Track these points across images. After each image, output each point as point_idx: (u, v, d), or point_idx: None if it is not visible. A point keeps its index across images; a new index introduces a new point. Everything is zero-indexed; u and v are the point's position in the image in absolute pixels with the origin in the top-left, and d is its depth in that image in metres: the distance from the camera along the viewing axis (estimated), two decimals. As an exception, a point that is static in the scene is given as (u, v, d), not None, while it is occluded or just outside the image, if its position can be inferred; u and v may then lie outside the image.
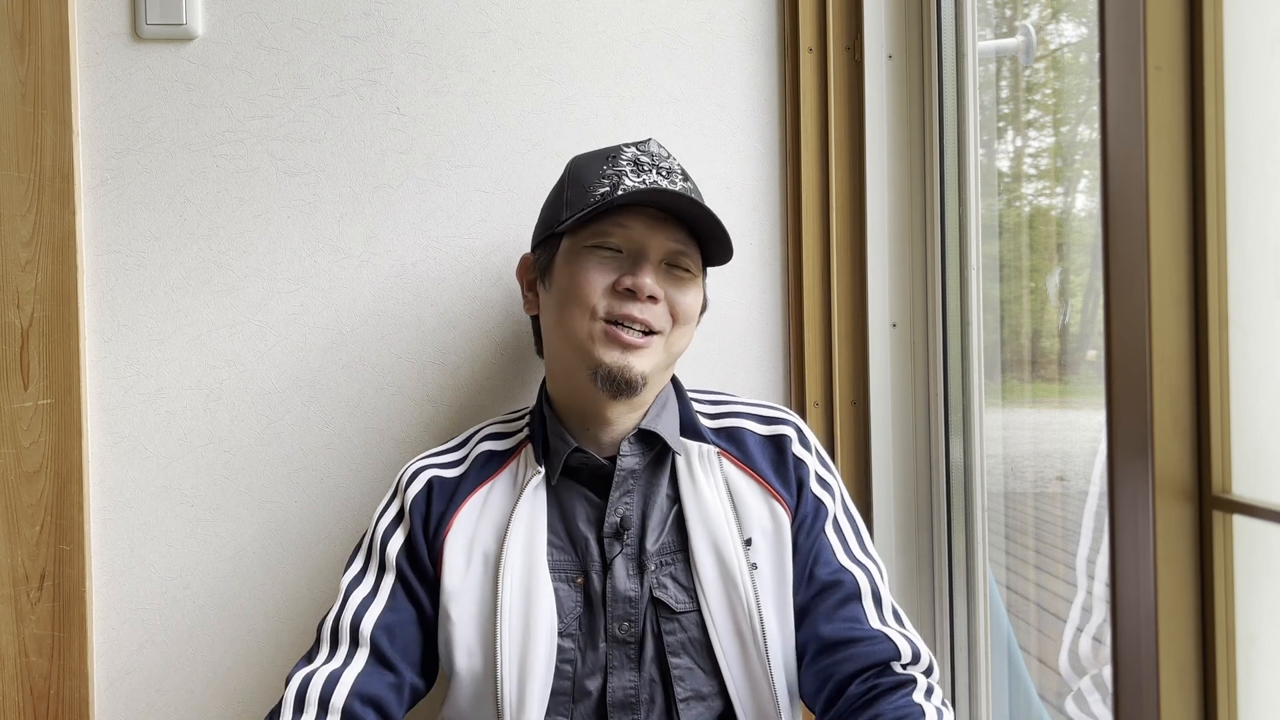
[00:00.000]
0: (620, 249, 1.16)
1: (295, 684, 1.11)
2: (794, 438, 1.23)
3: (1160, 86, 0.79)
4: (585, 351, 1.14)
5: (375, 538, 1.20)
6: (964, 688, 1.39)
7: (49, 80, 1.38)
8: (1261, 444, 0.80)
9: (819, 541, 1.18)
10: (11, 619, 1.38)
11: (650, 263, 1.15)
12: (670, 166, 1.19)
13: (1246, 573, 0.80)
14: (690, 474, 1.18)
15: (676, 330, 1.17)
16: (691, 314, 1.18)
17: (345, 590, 1.18)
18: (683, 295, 1.17)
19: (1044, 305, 1.55)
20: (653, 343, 1.15)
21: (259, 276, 1.42)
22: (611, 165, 1.18)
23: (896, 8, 1.42)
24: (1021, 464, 1.59)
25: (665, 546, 1.16)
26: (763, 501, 1.18)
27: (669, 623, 1.14)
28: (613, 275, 1.14)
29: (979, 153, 1.38)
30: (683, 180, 1.19)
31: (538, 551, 1.14)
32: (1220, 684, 0.79)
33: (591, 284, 1.14)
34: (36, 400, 1.38)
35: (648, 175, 1.16)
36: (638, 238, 1.15)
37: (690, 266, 1.18)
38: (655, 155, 1.19)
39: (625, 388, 1.13)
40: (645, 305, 1.14)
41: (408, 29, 1.43)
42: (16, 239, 1.38)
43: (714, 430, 1.23)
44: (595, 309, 1.14)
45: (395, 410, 1.43)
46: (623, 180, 1.15)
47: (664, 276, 1.16)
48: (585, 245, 1.16)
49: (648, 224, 1.16)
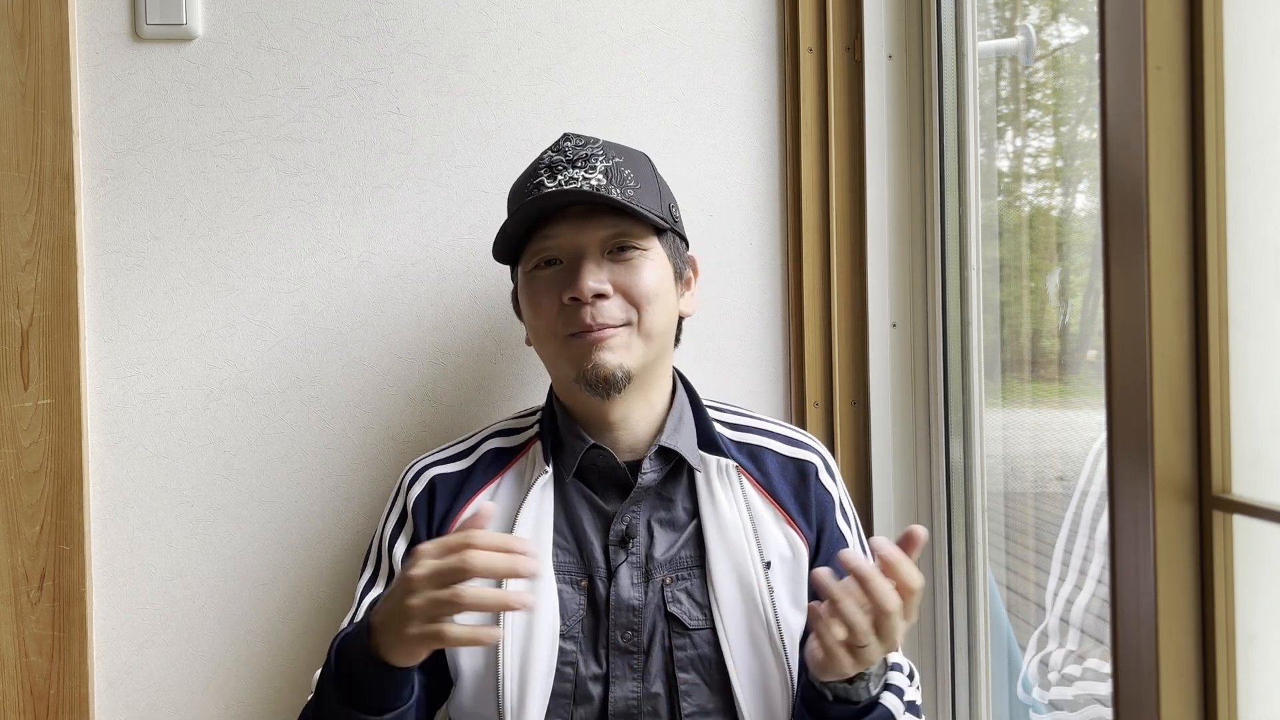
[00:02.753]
0: (560, 259, 1.15)
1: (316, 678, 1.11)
2: (820, 466, 1.21)
3: (1160, 86, 0.79)
4: (565, 368, 1.15)
5: (382, 542, 1.20)
6: (964, 688, 1.39)
7: (49, 80, 1.38)
8: (1261, 444, 0.80)
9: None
10: (11, 619, 1.38)
11: (590, 261, 1.13)
12: (588, 153, 1.15)
13: (1246, 572, 0.80)
14: (710, 490, 1.17)
15: (644, 313, 1.13)
16: (653, 291, 1.14)
17: (359, 597, 1.18)
18: (635, 275, 1.13)
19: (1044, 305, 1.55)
20: (619, 333, 1.12)
21: (259, 276, 1.42)
22: (531, 178, 1.16)
23: (896, 8, 1.42)
24: (1021, 464, 1.59)
25: (681, 561, 1.15)
26: (779, 529, 1.17)
27: (680, 638, 1.13)
28: (558, 290, 1.13)
29: (979, 153, 1.38)
30: (605, 160, 1.15)
31: (543, 552, 1.14)
32: (1220, 684, 0.79)
33: (543, 309, 1.14)
34: (36, 400, 1.38)
35: (563, 174, 1.13)
36: (569, 241, 1.14)
37: (634, 244, 1.14)
38: (568, 150, 1.16)
39: (607, 384, 1.12)
40: (595, 307, 1.11)
41: (408, 29, 1.43)
42: (16, 239, 1.38)
43: (735, 444, 1.21)
44: (555, 329, 1.14)
45: (395, 410, 1.43)
46: (540, 190, 1.13)
47: (611, 265, 1.14)
48: (529, 270, 1.16)
49: (574, 223, 1.14)
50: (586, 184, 1.12)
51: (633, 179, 1.16)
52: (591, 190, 1.11)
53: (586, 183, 1.12)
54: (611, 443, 1.17)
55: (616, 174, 1.14)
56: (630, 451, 1.18)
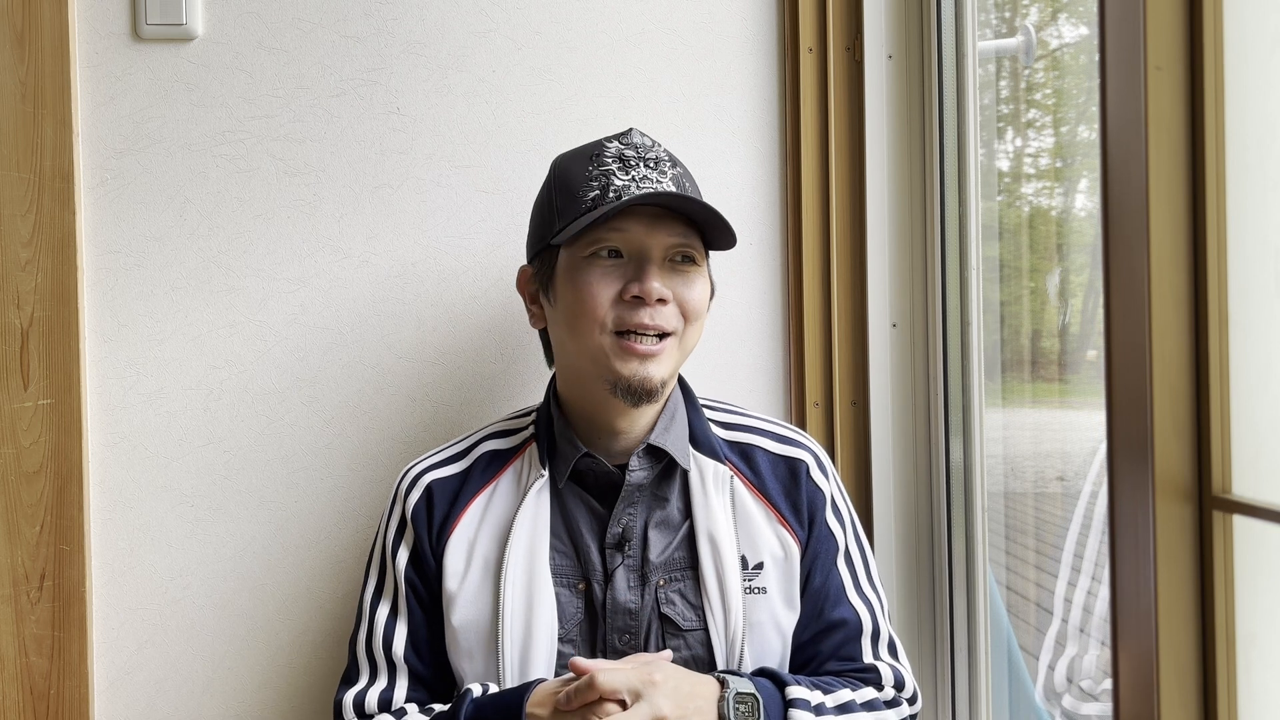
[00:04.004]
0: (620, 252, 1.13)
1: (349, 703, 1.15)
2: (811, 463, 1.21)
3: (1160, 86, 0.79)
4: (602, 365, 1.12)
5: (385, 551, 1.20)
6: (964, 688, 1.39)
7: (49, 80, 1.38)
8: (1261, 444, 0.80)
9: (831, 578, 1.19)
10: (11, 619, 1.38)
11: (654, 263, 1.12)
12: (657, 156, 1.15)
13: (1246, 573, 0.80)
14: (704, 491, 1.16)
15: (689, 328, 1.14)
16: (702, 308, 1.15)
17: (369, 610, 1.18)
18: (690, 290, 1.13)
19: (1044, 305, 1.55)
20: (666, 346, 1.12)
21: (259, 276, 1.42)
22: (596, 164, 1.14)
23: (896, 8, 1.42)
24: (1021, 464, 1.59)
25: (674, 562, 1.15)
26: (771, 528, 1.17)
27: (674, 639, 1.13)
28: (617, 283, 1.11)
29: (979, 153, 1.38)
30: (671, 167, 1.15)
31: (540, 555, 1.13)
32: (1220, 684, 0.79)
33: (597, 297, 1.11)
34: (36, 400, 1.38)
35: (635, 170, 1.13)
36: (637, 239, 1.12)
37: (694, 257, 1.14)
38: (639, 146, 1.15)
39: (645, 396, 1.11)
40: (655, 309, 1.11)
41: (408, 29, 1.43)
42: (16, 239, 1.38)
43: (727, 443, 1.21)
44: (605, 322, 1.11)
45: (395, 410, 1.43)
46: (610, 180, 1.12)
47: (669, 273, 1.13)
48: (584, 255, 1.13)
49: (645, 223, 1.12)
50: (660, 187, 1.12)
51: (693, 192, 1.16)
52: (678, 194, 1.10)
53: (659, 185, 1.12)
54: (608, 446, 1.17)
55: (680, 185, 1.15)
56: (623, 454, 1.17)
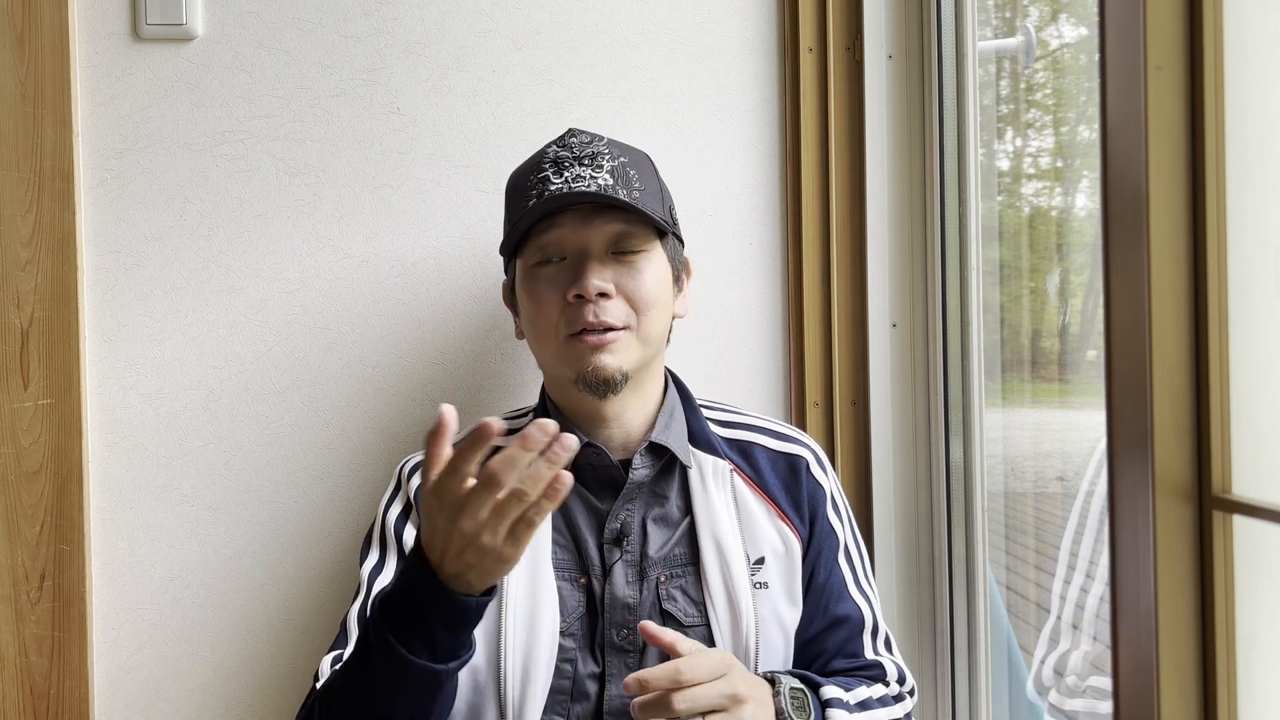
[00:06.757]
0: (563, 255, 1.14)
1: (326, 662, 1.11)
2: (811, 459, 1.22)
3: (1160, 86, 0.79)
4: (565, 365, 1.14)
5: (387, 528, 1.19)
6: (964, 687, 1.39)
7: (49, 80, 1.38)
8: (1261, 444, 0.80)
9: (834, 575, 1.19)
10: (11, 619, 1.38)
11: (594, 259, 1.13)
12: (594, 151, 1.15)
13: (1246, 572, 0.80)
14: (704, 487, 1.17)
15: (644, 317, 1.14)
16: (652, 296, 1.15)
17: (368, 580, 1.17)
18: (637, 279, 1.14)
19: (1044, 305, 1.55)
20: (620, 337, 1.13)
21: (259, 276, 1.42)
22: (535, 172, 1.16)
23: (896, 8, 1.42)
24: (1021, 464, 1.60)
25: (675, 559, 1.15)
26: (771, 523, 1.18)
27: None
28: (563, 286, 1.13)
29: (979, 153, 1.38)
30: (611, 159, 1.15)
31: (542, 548, 1.14)
32: (1220, 684, 0.79)
33: (545, 304, 1.14)
34: (36, 400, 1.38)
35: (569, 171, 1.13)
36: (573, 238, 1.14)
37: (637, 245, 1.15)
38: (575, 145, 1.16)
39: (606, 386, 1.12)
40: (598, 305, 1.12)
41: (408, 29, 1.43)
42: (16, 239, 1.38)
43: (726, 441, 1.22)
44: (557, 326, 1.13)
45: (395, 410, 1.43)
46: (545, 186, 1.13)
47: (614, 265, 1.14)
48: (532, 264, 1.16)
49: (577, 221, 1.13)
50: (594, 183, 1.12)
51: (638, 180, 1.16)
52: (599, 190, 1.11)
53: (594, 182, 1.12)
54: (605, 440, 1.18)
55: (622, 174, 1.15)
56: (623, 450, 1.18)
